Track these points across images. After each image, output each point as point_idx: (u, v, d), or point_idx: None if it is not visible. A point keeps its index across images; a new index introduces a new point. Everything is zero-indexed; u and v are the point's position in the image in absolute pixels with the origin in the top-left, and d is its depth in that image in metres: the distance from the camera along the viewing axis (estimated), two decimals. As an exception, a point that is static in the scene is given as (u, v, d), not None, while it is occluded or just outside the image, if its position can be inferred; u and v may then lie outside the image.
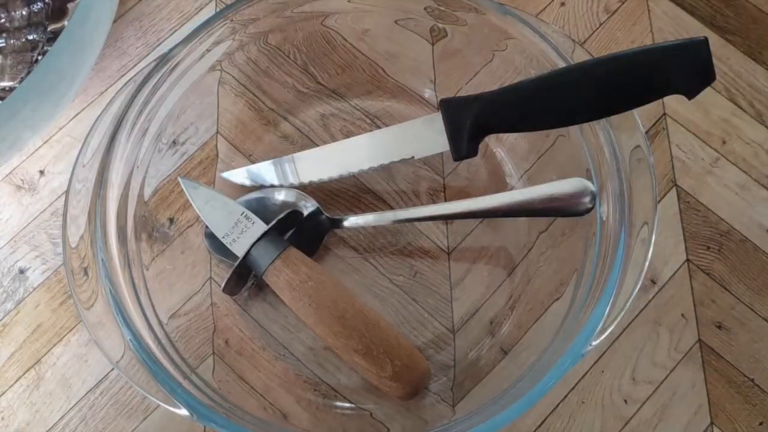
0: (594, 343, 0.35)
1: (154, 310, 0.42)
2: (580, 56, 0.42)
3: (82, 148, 0.40)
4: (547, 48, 0.41)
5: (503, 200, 0.41)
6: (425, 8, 0.44)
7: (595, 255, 0.40)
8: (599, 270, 0.39)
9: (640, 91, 0.36)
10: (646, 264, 0.37)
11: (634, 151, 0.40)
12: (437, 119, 0.40)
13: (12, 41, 0.38)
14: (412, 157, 0.42)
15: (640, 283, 0.37)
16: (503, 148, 0.47)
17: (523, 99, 0.38)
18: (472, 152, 0.40)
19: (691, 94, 0.35)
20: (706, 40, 0.34)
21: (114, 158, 0.39)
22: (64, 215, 0.39)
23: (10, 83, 0.40)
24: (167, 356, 0.39)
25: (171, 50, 0.40)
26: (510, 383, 0.39)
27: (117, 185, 0.41)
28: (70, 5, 0.41)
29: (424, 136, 0.41)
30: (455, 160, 0.40)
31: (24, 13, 0.38)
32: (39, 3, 0.38)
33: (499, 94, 0.39)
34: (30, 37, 0.39)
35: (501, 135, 0.47)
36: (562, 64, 0.41)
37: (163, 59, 0.40)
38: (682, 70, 0.35)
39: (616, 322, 0.36)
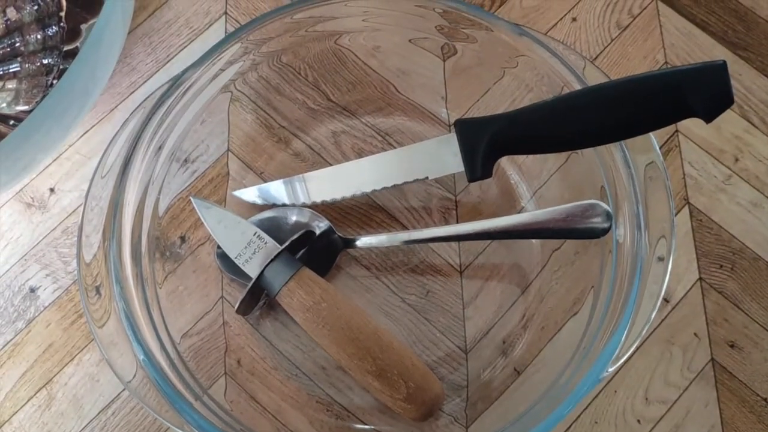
0: (610, 370, 0.35)
1: (167, 330, 0.42)
2: (591, 73, 0.42)
3: (99, 164, 0.40)
4: (558, 65, 0.41)
5: (517, 221, 0.41)
6: (436, 26, 0.44)
7: (611, 276, 0.40)
8: (616, 291, 0.39)
9: (657, 115, 0.36)
10: (663, 288, 0.37)
11: (648, 167, 0.40)
12: (451, 140, 0.40)
13: (27, 65, 0.38)
14: (426, 178, 0.42)
15: (656, 308, 0.37)
16: (515, 165, 0.47)
17: (538, 121, 0.38)
18: (487, 173, 0.40)
19: (709, 117, 0.35)
20: (724, 64, 0.34)
21: (131, 175, 0.39)
22: (80, 231, 0.39)
23: (26, 107, 0.40)
24: (179, 376, 0.39)
25: (184, 72, 0.39)
26: (524, 405, 0.38)
27: (132, 202, 0.41)
28: (83, 26, 0.41)
29: (438, 157, 0.41)
30: (470, 181, 0.40)
31: (39, 37, 0.37)
32: (54, 27, 0.38)
33: (514, 115, 0.38)
34: (45, 61, 0.39)
35: (513, 153, 0.47)
36: (573, 81, 0.40)
37: (177, 82, 0.39)
38: (700, 94, 0.34)
39: (633, 347, 0.36)
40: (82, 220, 0.39)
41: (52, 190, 0.48)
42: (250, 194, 0.46)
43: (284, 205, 0.45)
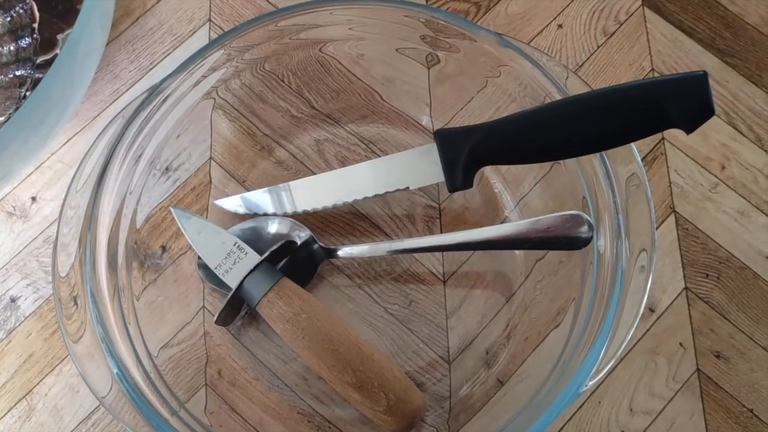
0: (590, 383, 0.35)
1: (144, 342, 0.41)
2: (573, 83, 0.41)
3: (75, 175, 0.39)
4: (539, 76, 0.41)
5: (499, 232, 0.40)
6: (420, 36, 0.44)
7: (592, 287, 0.39)
8: (597, 303, 0.38)
9: (638, 126, 0.35)
10: (645, 299, 0.37)
11: (629, 178, 0.40)
12: (432, 150, 0.40)
13: (-1, 77, 0.38)
14: (407, 188, 0.42)
15: (638, 319, 0.36)
16: (499, 174, 0.47)
17: (518, 132, 0.37)
18: (468, 184, 0.40)
19: (690, 129, 0.35)
20: (705, 75, 0.34)
21: (106, 185, 0.39)
22: (55, 243, 0.39)
23: (-1, 119, 0.40)
24: (155, 391, 0.38)
25: (163, 81, 0.39)
26: (507, 417, 0.38)
27: (109, 212, 0.40)
28: (59, 36, 0.41)
29: (420, 167, 0.41)
30: (450, 191, 0.40)
31: (12, 48, 0.37)
32: (27, 38, 0.37)
33: (494, 126, 0.38)
34: (18, 73, 0.38)
35: (497, 162, 0.46)
36: (555, 92, 0.40)
37: (156, 89, 0.39)
38: (681, 105, 0.34)
39: (614, 359, 0.36)
40: (57, 233, 0.38)
41: (33, 198, 0.47)
42: (232, 203, 0.45)
43: (266, 214, 0.45)
